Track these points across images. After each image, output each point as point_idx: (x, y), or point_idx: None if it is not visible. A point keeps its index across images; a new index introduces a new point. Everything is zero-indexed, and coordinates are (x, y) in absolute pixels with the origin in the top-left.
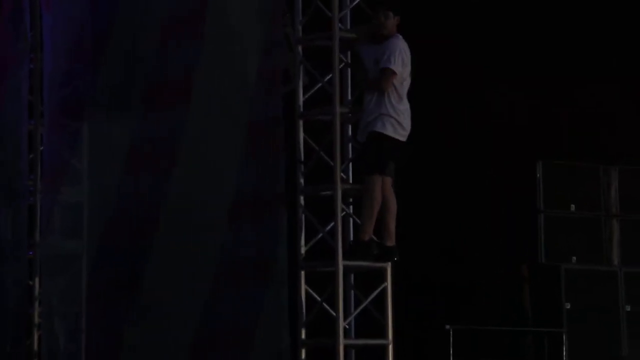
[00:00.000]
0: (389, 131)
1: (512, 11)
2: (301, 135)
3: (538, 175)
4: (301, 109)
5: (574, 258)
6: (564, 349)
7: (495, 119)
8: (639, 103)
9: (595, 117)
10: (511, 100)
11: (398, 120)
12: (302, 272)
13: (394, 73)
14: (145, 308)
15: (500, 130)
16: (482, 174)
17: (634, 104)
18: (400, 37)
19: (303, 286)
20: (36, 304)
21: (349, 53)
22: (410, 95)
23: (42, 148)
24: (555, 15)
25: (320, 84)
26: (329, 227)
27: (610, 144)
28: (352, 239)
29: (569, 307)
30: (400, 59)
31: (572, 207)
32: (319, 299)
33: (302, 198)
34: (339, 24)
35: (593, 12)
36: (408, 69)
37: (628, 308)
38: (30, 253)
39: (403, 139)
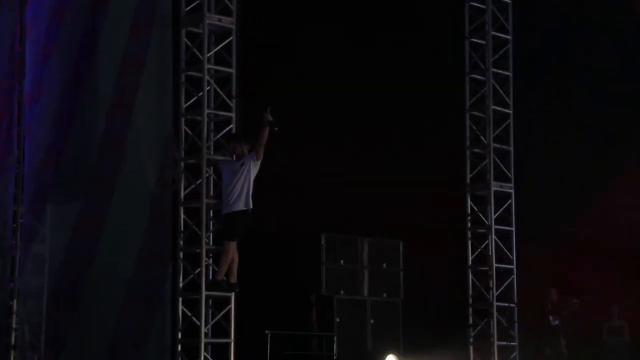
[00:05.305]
0: (240, 206)
1: None
2: (181, 216)
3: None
4: (182, 200)
5: (342, 291)
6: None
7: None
8: None
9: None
10: None
11: (246, 198)
12: (180, 299)
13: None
14: (81, 320)
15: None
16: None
17: None
18: None
19: (180, 306)
20: (14, 316)
21: (212, 168)
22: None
23: (21, 221)
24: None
25: (194, 185)
26: (197, 271)
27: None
28: (210, 278)
29: (338, 320)
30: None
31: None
32: (189, 314)
33: (181, 254)
34: (207, 150)
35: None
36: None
37: (372, 321)
38: (11, 284)
39: (247, 208)
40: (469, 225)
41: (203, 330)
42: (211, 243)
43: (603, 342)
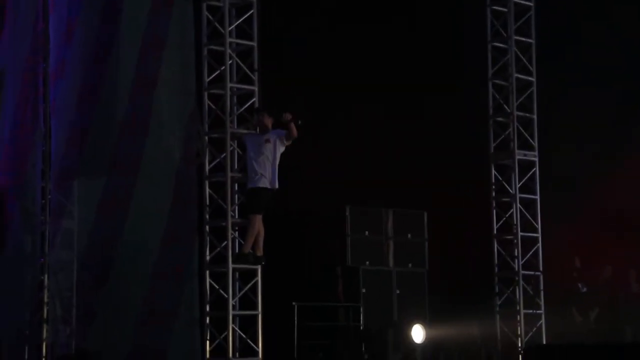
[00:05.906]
0: (266, 184)
1: None
2: (207, 190)
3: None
4: (207, 173)
5: (368, 262)
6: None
7: None
8: None
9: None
10: None
11: (272, 177)
12: (207, 272)
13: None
14: (109, 293)
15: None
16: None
17: None
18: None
19: (208, 280)
20: (45, 290)
21: (235, 142)
22: None
23: (49, 197)
24: None
25: (218, 159)
26: (223, 244)
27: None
28: (237, 251)
29: (364, 291)
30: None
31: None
32: (217, 287)
33: (207, 227)
34: (230, 124)
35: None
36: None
37: (397, 291)
38: (42, 260)
39: (272, 188)
40: (494, 194)
41: (231, 302)
42: (237, 216)
43: (620, 309)
